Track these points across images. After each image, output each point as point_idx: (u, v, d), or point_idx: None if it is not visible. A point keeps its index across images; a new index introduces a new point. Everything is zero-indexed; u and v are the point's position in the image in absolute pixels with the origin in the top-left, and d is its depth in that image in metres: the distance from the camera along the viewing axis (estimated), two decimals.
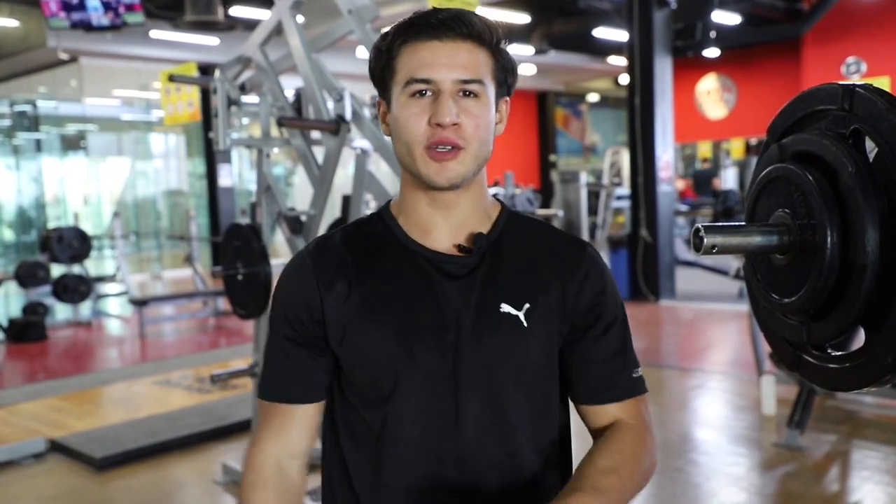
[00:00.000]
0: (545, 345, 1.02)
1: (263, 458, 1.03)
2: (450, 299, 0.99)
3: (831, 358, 0.95)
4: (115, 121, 14.07)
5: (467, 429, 0.99)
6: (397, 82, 0.98)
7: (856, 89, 0.91)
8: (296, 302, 1.03)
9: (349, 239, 1.05)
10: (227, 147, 3.47)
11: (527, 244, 1.05)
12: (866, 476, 3.54)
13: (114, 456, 3.96)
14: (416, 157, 0.97)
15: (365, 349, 1.00)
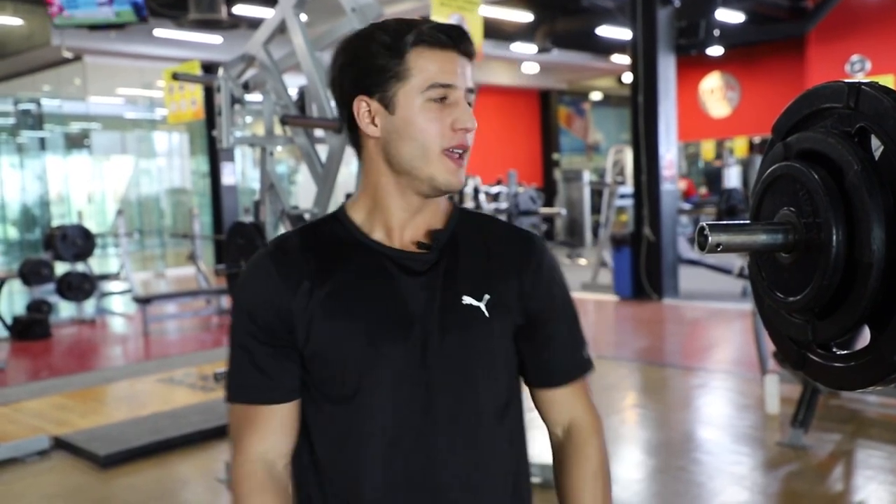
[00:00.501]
0: (505, 334, 1.07)
1: (253, 464, 1.02)
2: (413, 295, 1.02)
3: (836, 357, 0.94)
4: (118, 119, 14.10)
5: (440, 420, 1.02)
6: (410, 85, 0.99)
7: (862, 87, 0.91)
8: (262, 303, 1.02)
9: (308, 240, 1.06)
10: (230, 145, 3.48)
11: (480, 238, 1.08)
12: (870, 475, 3.53)
13: (117, 453, 3.96)
14: (431, 160, 0.99)
15: (333, 347, 1.01)
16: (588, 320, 8.18)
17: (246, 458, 1.03)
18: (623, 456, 3.99)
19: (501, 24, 11.55)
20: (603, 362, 5.91)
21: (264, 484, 1.02)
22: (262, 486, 1.01)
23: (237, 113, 3.69)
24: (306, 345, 1.02)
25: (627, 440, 4.24)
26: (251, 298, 1.04)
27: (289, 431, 1.04)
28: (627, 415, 4.70)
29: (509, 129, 17.47)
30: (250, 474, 1.02)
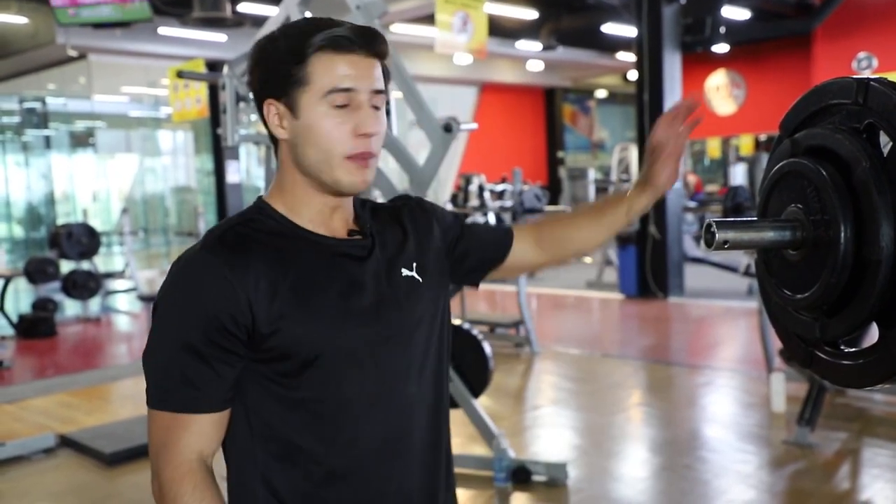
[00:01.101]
0: (437, 295, 1.16)
1: (190, 462, 1.00)
2: (366, 279, 1.07)
3: (844, 354, 0.94)
4: (123, 117, 14.13)
5: (411, 384, 1.10)
6: (311, 90, 1.00)
7: (870, 83, 0.90)
8: (215, 305, 0.97)
9: (246, 236, 1.03)
10: (234, 143, 3.48)
11: (383, 218, 1.16)
12: (877, 474, 3.52)
13: (123, 451, 3.97)
14: (334, 166, 1.02)
15: (306, 343, 1.01)
16: (593, 318, 8.18)
17: (182, 458, 1.00)
18: (628, 454, 3.98)
19: (506, 22, 11.53)
20: (608, 360, 5.91)
21: (206, 480, 1.01)
22: (204, 483, 1.00)
23: (242, 111, 3.69)
24: (271, 343, 1.00)
25: (633, 438, 4.23)
26: (200, 301, 0.98)
27: (221, 432, 1.04)
28: (633, 413, 4.69)
29: (514, 127, 17.45)
30: (191, 472, 1.00)
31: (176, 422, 1.00)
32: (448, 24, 7.36)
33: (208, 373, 0.98)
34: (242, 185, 13.00)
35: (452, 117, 3.33)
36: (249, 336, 0.99)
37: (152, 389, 1.01)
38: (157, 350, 1.01)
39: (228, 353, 0.99)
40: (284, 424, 1.04)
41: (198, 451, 1.01)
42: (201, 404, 1.00)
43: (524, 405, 4.96)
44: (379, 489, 1.07)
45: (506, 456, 3.45)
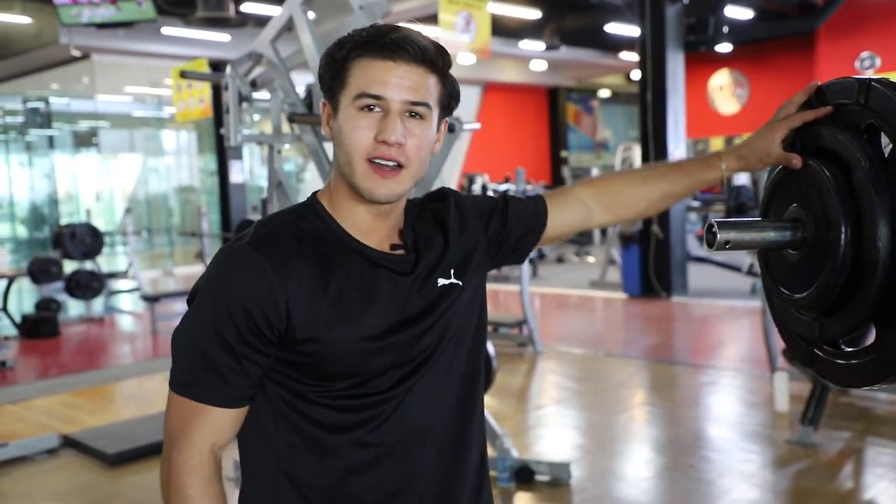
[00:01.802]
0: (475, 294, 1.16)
1: (203, 455, 1.02)
2: (409, 295, 1.07)
3: (843, 354, 0.94)
4: (126, 117, 14.14)
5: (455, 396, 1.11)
6: (347, 93, 1.02)
7: (872, 83, 0.90)
8: (251, 302, 0.98)
9: (296, 238, 1.03)
10: (238, 143, 3.48)
11: (428, 225, 1.15)
12: (881, 473, 3.51)
13: (126, 451, 3.98)
14: (356, 169, 1.01)
15: (341, 354, 1.01)
16: (596, 318, 8.17)
17: (197, 449, 1.01)
18: (632, 453, 3.98)
19: (510, 22, 11.52)
20: (611, 360, 5.90)
21: (213, 476, 1.02)
22: (211, 478, 1.02)
23: (245, 111, 3.69)
24: (305, 349, 1.01)
25: (636, 438, 4.22)
26: (239, 296, 0.98)
27: (237, 427, 1.05)
28: (636, 412, 4.69)
29: (517, 127, 17.44)
30: (202, 465, 1.01)
31: (195, 410, 1.01)
32: (451, 23, 7.36)
33: (235, 368, 0.99)
34: (246, 185, 13.06)
35: (455, 117, 3.33)
36: (282, 338, 1.00)
37: (178, 373, 1.02)
38: (190, 335, 1.02)
39: (257, 351, 1.00)
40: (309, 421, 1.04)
41: (211, 444, 1.02)
42: (224, 398, 1.01)
43: (527, 405, 4.96)
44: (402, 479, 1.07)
45: (509, 456, 3.45)
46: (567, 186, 1.31)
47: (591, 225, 1.30)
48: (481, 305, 1.18)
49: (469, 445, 1.14)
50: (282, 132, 3.69)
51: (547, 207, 1.25)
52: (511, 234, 1.23)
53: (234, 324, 0.98)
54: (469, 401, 1.14)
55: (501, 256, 1.25)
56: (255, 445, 1.07)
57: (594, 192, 1.27)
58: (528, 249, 1.27)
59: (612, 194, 1.27)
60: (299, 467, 1.05)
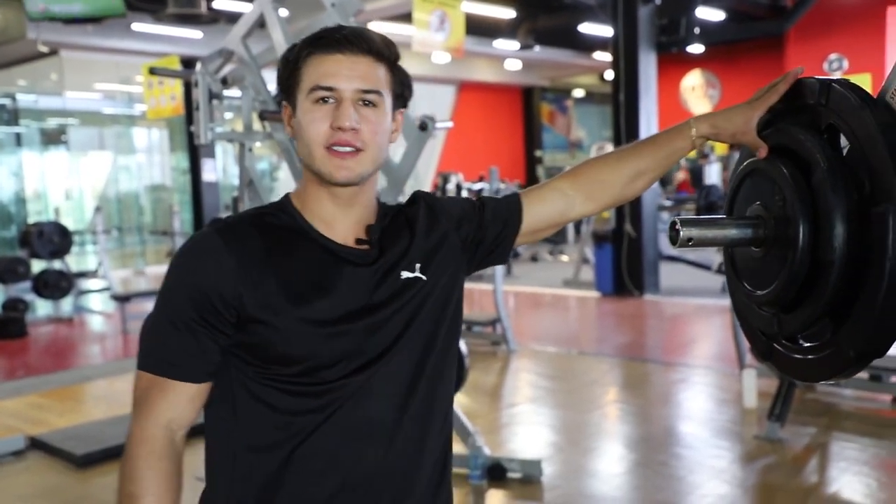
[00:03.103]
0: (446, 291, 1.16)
1: (157, 429, 1.05)
2: (362, 284, 1.09)
3: (800, 349, 0.96)
4: (96, 114, 13.95)
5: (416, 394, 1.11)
6: (302, 89, 1.08)
7: (832, 84, 0.92)
8: (211, 285, 1.04)
9: (258, 227, 1.09)
10: (207, 141, 3.45)
11: (398, 225, 1.18)
12: (844, 467, 3.58)
13: (95, 453, 3.92)
14: (316, 157, 1.07)
15: (290, 338, 1.04)
16: (570, 316, 8.22)
17: (151, 422, 1.05)
18: (604, 450, 4.01)
19: (484, 21, 11.55)
20: (584, 358, 5.94)
21: (164, 450, 1.05)
22: (161, 452, 1.04)
23: (216, 108, 3.66)
24: (258, 331, 1.04)
25: (609, 435, 4.26)
26: (198, 278, 1.05)
27: (196, 407, 1.08)
28: (609, 410, 4.73)
29: (492, 126, 17.49)
30: (152, 438, 1.04)
31: (153, 384, 1.06)
32: (425, 22, 7.36)
33: (192, 344, 1.04)
34: (219, 183, 12.95)
35: (428, 115, 3.33)
36: (238, 318, 1.04)
37: (141, 350, 1.08)
38: (154, 314, 1.08)
39: (215, 330, 1.04)
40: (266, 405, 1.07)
41: (167, 420, 1.05)
42: (179, 372, 1.05)
43: (501, 403, 4.97)
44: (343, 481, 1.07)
45: (481, 453, 3.47)
46: (547, 180, 1.31)
47: (574, 215, 1.28)
48: (456, 306, 1.19)
49: (428, 442, 1.14)
50: (253, 130, 3.66)
51: (522, 204, 1.26)
52: (488, 234, 1.25)
53: (192, 303, 1.04)
54: (433, 398, 1.14)
55: (480, 257, 1.26)
56: (217, 426, 1.10)
57: (572, 181, 1.27)
58: (507, 248, 1.28)
59: (589, 181, 1.27)
60: (257, 451, 1.07)
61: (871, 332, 0.84)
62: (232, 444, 1.08)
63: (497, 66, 15.85)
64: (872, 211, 0.84)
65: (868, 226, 0.85)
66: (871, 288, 0.84)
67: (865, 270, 0.85)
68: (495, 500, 3.40)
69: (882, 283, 0.82)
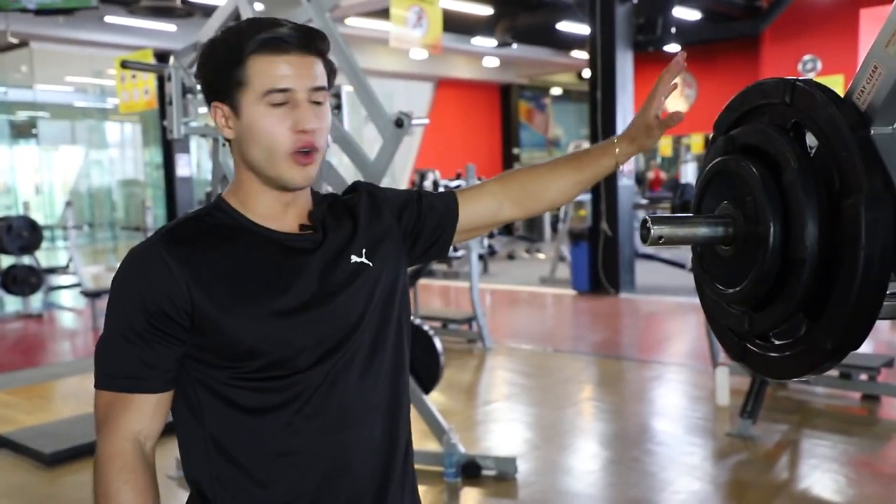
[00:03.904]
0: (391, 277, 1.18)
1: (124, 441, 1.04)
2: (311, 269, 1.10)
3: (774, 347, 0.96)
4: (68, 108, 13.74)
5: (359, 371, 1.11)
6: (252, 91, 1.04)
7: (796, 83, 0.92)
8: (158, 294, 1.02)
9: (199, 229, 1.08)
10: (180, 136, 3.41)
11: (338, 211, 1.18)
12: (814, 464, 3.62)
13: (64, 451, 3.87)
14: (278, 162, 1.05)
15: (245, 335, 1.04)
16: (546, 314, 8.25)
17: (119, 437, 1.04)
18: (578, 447, 4.03)
19: (462, 18, 11.54)
20: (560, 356, 5.96)
21: (135, 463, 1.04)
22: (133, 465, 1.03)
23: (190, 102, 3.61)
24: (211, 335, 1.04)
25: (583, 432, 4.28)
26: (144, 288, 1.03)
27: (162, 415, 1.07)
28: (584, 407, 4.75)
29: (470, 123, 17.49)
30: (122, 452, 1.03)
31: (115, 400, 1.04)
32: (402, 18, 7.33)
33: (148, 355, 1.03)
34: (193, 178, 12.82)
35: (404, 112, 3.31)
36: (192, 322, 1.03)
37: (98, 370, 1.06)
38: (105, 333, 1.06)
39: (169, 336, 1.03)
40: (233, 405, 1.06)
41: (134, 432, 1.04)
42: (140, 385, 1.04)
43: (476, 400, 4.97)
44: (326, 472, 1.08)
45: (456, 451, 3.46)
46: (483, 181, 1.35)
47: (502, 218, 1.33)
48: (402, 295, 1.21)
49: (398, 433, 1.16)
50: None
51: (458, 201, 1.29)
52: (426, 227, 1.26)
53: (142, 314, 1.03)
54: (397, 387, 1.17)
55: (420, 249, 1.27)
56: (187, 430, 1.10)
57: (503, 186, 1.32)
58: (446, 242, 1.30)
59: (519, 187, 1.31)
60: (229, 453, 1.06)
61: (846, 324, 0.85)
62: (205, 446, 1.07)
63: (475, 63, 15.85)
64: (843, 203, 0.85)
65: (839, 220, 0.85)
66: (845, 280, 0.84)
67: (838, 264, 0.85)
68: (470, 498, 3.40)
69: (856, 274, 0.82)
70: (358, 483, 1.10)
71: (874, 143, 0.86)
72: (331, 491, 1.08)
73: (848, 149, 0.84)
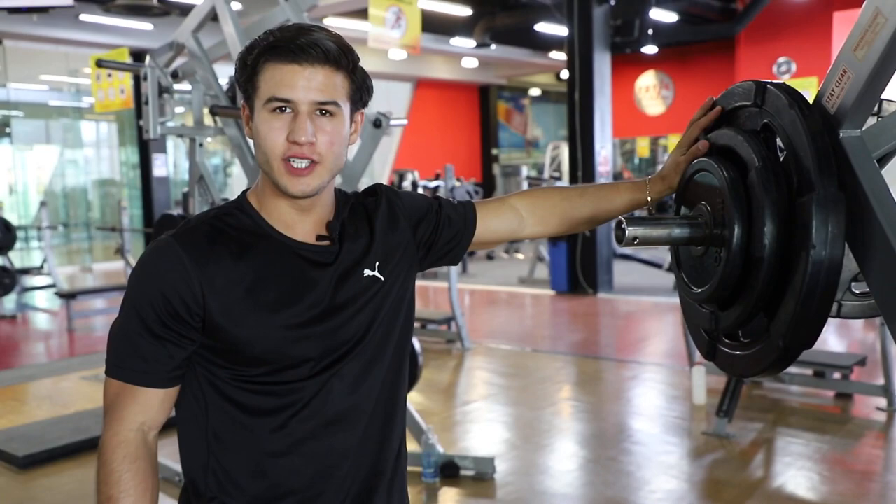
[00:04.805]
0: (401, 290, 1.19)
1: (129, 432, 1.07)
2: (327, 285, 1.11)
3: (741, 345, 0.98)
4: (42, 107, 13.56)
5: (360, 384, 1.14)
6: (259, 97, 1.07)
7: (767, 86, 0.94)
8: (173, 292, 1.04)
9: (218, 230, 1.09)
10: (156, 135, 3.38)
11: (358, 218, 1.19)
12: (789, 462, 3.67)
13: (38, 454, 3.82)
14: (273, 168, 1.07)
15: (254, 342, 1.06)
16: (524, 314, 8.27)
17: (124, 426, 1.06)
18: (556, 447, 4.05)
19: (441, 18, 11.55)
20: (538, 355, 5.99)
21: (138, 451, 1.06)
22: (135, 454, 1.06)
23: (166, 102, 3.59)
24: (220, 339, 1.06)
25: (561, 432, 4.30)
26: (160, 284, 1.05)
27: (167, 408, 1.10)
28: (562, 407, 4.77)
29: (449, 124, 17.50)
30: (126, 441, 1.06)
31: (123, 391, 1.07)
32: (381, 18, 7.32)
33: (159, 351, 1.05)
34: (170, 178, 12.70)
35: (382, 112, 3.31)
36: (204, 324, 1.05)
37: (110, 357, 1.08)
38: (120, 321, 1.08)
39: (180, 335, 1.05)
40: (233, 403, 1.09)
41: (139, 423, 1.07)
42: (148, 379, 1.06)
43: (455, 401, 4.98)
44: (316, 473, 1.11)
45: (434, 451, 3.46)
46: (505, 195, 1.34)
47: (523, 235, 1.32)
48: (409, 304, 1.22)
49: (391, 437, 1.19)
50: (204, 125, 3.60)
51: (476, 213, 1.29)
52: (442, 237, 1.26)
53: (155, 310, 1.04)
54: (393, 394, 1.19)
55: (432, 258, 1.28)
56: (190, 424, 1.12)
57: (529, 203, 1.31)
58: (459, 253, 1.30)
59: (548, 207, 1.31)
60: (227, 448, 1.10)
61: (796, 321, 0.86)
62: (206, 439, 1.11)
63: (454, 63, 15.86)
64: (797, 201, 0.86)
65: (795, 219, 0.87)
66: (795, 278, 0.86)
67: (794, 261, 0.87)
68: (448, 498, 3.40)
69: (805, 271, 0.84)
70: (345, 484, 1.12)
71: (843, 145, 0.88)
72: (319, 491, 1.11)
73: (805, 150, 0.86)
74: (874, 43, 0.83)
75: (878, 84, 0.86)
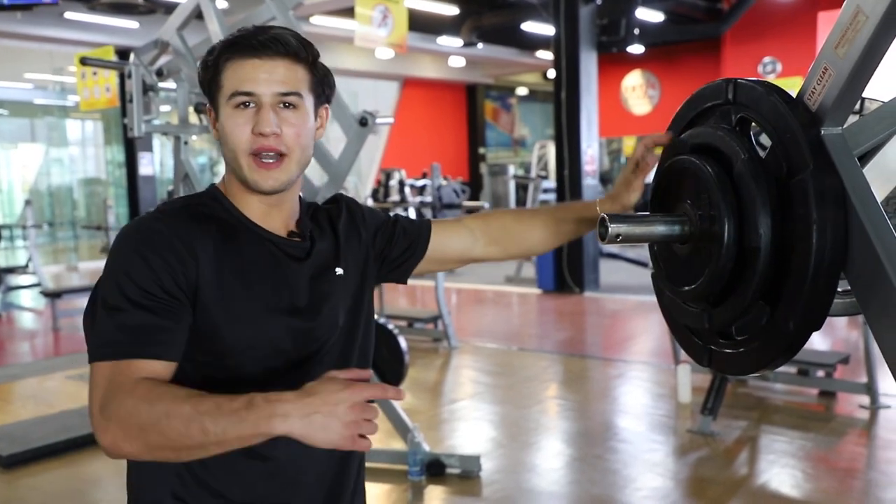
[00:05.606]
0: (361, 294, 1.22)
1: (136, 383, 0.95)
2: (302, 279, 1.13)
3: (736, 343, 0.98)
4: (27, 105, 13.45)
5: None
6: (223, 95, 1.08)
7: (737, 81, 0.95)
8: (167, 266, 1.01)
9: (196, 218, 1.08)
10: (141, 134, 3.36)
11: (322, 222, 1.22)
12: (773, 459, 3.70)
13: (22, 453, 3.78)
14: (242, 164, 1.08)
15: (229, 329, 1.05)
16: (511, 313, 8.29)
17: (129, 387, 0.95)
18: (542, 445, 4.06)
19: (428, 17, 11.54)
20: (525, 354, 6.00)
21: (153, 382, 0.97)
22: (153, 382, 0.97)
23: (151, 100, 3.57)
24: (206, 319, 1.04)
25: (547, 430, 4.31)
26: (154, 258, 1.01)
27: None
28: (548, 405, 4.78)
29: (436, 123, 17.49)
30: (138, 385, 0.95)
31: (117, 370, 0.96)
32: (368, 17, 7.31)
33: (153, 321, 1.00)
34: (156, 177, 12.62)
35: (368, 111, 3.31)
36: (194, 302, 1.03)
37: (97, 343, 0.99)
38: (102, 303, 1.00)
39: (172, 310, 1.01)
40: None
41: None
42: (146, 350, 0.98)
43: (441, 399, 4.98)
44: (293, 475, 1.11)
45: (420, 450, 3.46)
46: (458, 217, 1.39)
47: (475, 255, 1.35)
48: (368, 309, 1.24)
49: None
50: (189, 123, 3.58)
51: (431, 230, 1.31)
52: (395, 250, 1.29)
53: (147, 285, 1.00)
54: None
55: (385, 271, 1.30)
56: None
57: (482, 224, 1.34)
58: (409, 268, 1.32)
59: (500, 227, 1.35)
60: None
61: (807, 299, 0.85)
62: None
63: (441, 62, 15.85)
64: (791, 182, 0.86)
65: (790, 205, 0.87)
66: (800, 256, 0.85)
67: (793, 245, 0.86)
68: (434, 496, 3.40)
69: (811, 247, 0.83)
70: (311, 492, 1.14)
71: (824, 142, 0.88)
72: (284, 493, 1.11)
73: (791, 131, 0.86)
74: (855, 41, 0.84)
75: (859, 82, 0.87)
